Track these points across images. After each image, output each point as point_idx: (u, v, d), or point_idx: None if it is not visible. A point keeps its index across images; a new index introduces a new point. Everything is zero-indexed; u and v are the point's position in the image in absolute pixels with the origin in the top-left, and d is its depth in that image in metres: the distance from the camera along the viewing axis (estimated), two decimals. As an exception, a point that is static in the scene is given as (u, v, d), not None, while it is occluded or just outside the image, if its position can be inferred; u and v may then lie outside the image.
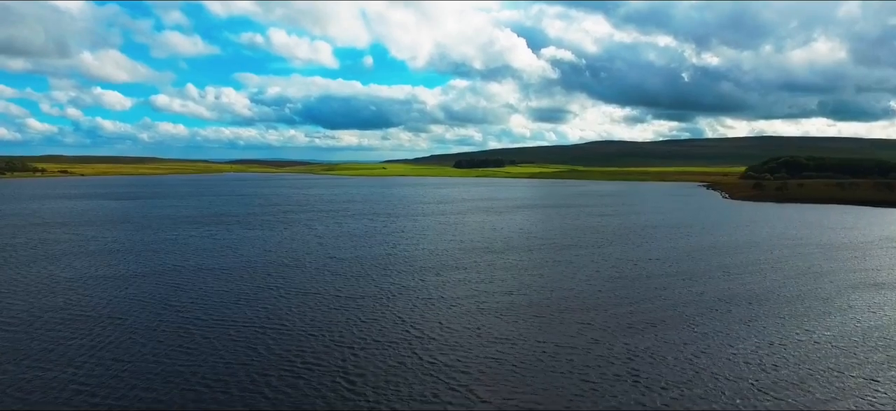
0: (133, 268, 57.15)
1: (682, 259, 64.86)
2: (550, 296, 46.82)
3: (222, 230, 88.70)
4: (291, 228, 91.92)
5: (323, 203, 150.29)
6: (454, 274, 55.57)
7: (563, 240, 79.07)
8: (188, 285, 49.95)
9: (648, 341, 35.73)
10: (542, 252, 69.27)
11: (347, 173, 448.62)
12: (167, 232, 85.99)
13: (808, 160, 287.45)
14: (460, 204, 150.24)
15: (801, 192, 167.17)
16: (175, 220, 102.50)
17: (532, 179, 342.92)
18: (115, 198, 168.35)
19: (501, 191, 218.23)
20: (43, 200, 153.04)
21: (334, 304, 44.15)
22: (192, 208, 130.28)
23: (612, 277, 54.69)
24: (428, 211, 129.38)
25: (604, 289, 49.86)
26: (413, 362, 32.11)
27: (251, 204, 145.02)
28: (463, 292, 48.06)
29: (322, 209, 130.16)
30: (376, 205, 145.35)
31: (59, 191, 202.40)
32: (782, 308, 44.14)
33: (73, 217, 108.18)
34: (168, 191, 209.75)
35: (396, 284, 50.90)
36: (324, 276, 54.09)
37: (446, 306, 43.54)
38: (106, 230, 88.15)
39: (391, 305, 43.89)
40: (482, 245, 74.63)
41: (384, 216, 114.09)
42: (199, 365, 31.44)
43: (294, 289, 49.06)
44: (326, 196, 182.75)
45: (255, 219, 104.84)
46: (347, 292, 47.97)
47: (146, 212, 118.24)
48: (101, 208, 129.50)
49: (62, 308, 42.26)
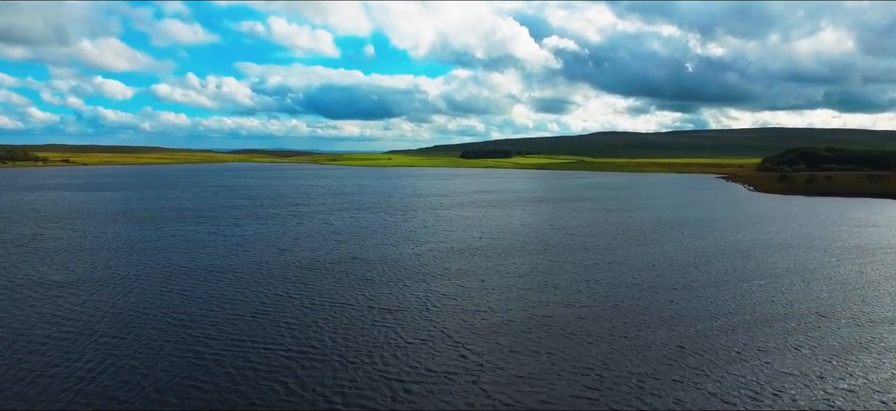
0: (133, 270, 50.69)
1: (733, 258, 58.15)
2: (600, 304, 40.27)
3: (230, 225, 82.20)
4: (305, 223, 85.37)
5: (333, 195, 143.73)
6: (491, 279, 48.99)
7: (595, 240, 72.43)
8: (196, 293, 43.45)
9: (750, 368, 29.13)
10: (580, 252, 62.63)
11: (353, 163, 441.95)
12: (171, 226, 79.51)
13: (828, 151, 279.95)
14: (476, 196, 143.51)
15: (830, 185, 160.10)
16: (180, 214, 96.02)
17: (542, 170, 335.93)
18: (116, 188, 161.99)
19: (514, 183, 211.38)
20: (41, 190, 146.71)
21: (368, 318, 37.59)
22: (198, 200, 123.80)
23: (657, 284, 48.06)
24: (446, 203, 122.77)
25: (655, 300, 43.23)
26: (482, 403, 25.61)
27: (259, 195, 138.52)
28: (507, 301, 41.50)
29: (334, 201, 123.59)
30: (390, 197, 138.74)
31: (58, 181, 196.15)
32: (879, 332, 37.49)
33: (70, 209, 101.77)
34: (172, 181, 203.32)
35: (434, 292, 44.34)
36: (350, 282, 47.55)
37: (494, 316, 37.00)
38: (104, 225, 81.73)
39: (434, 319, 37.31)
40: (516, 244, 67.99)
41: (402, 210, 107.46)
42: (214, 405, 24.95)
43: (318, 297, 42.53)
44: (335, 187, 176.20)
45: (265, 212, 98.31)
46: (381, 302, 41.41)
47: (148, 205, 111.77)
48: (102, 200, 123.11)
49: (49, 321, 35.75)
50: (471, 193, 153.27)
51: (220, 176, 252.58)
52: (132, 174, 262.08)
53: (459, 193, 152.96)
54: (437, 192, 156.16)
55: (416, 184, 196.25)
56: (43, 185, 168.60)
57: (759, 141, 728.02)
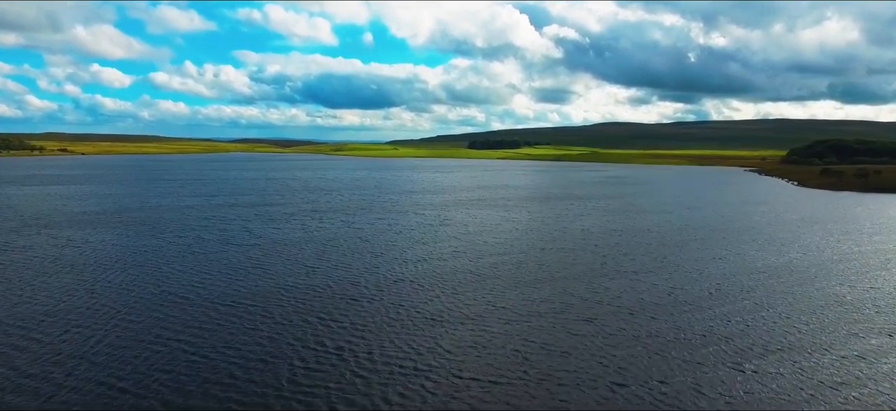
0: (124, 299, 39.05)
1: (865, 277, 46.54)
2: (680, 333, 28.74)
3: (241, 231, 70.51)
4: (326, 225, 73.72)
5: (348, 189, 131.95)
6: (561, 295, 37.45)
7: (646, 252, 60.81)
8: (203, 337, 31.86)
9: None
10: (636, 274, 51.07)
11: (357, 153, 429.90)
12: (170, 234, 67.90)
13: (858, 143, 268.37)
14: (501, 190, 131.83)
15: (883, 180, 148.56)
16: (181, 215, 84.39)
17: (555, 162, 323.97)
18: (114, 182, 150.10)
19: (529, 176, 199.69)
20: (24, 184, 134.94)
21: (435, 385, 26.03)
22: (201, 196, 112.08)
23: (742, 309, 36.51)
24: (474, 197, 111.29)
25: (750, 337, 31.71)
26: None
27: (267, 190, 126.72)
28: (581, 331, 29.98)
29: (350, 198, 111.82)
30: (413, 193, 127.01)
31: (51, 171, 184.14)
32: None
33: (54, 208, 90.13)
34: (172, 172, 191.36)
35: (515, 334, 32.82)
36: (399, 314, 35.95)
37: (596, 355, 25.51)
38: (95, 231, 70.13)
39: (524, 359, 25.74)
40: (546, 262, 56.46)
41: (430, 207, 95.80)
42: None
43: (361, 342, 30.97)
44: (347, 180, 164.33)
45: (278, 212, 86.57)
46: (470, 367, 29.85)
47: (146, 202, 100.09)
48: (95, 196, 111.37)
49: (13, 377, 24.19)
50: (493, 188, 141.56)
51: (221, 167, 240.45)
52: (129, 166, 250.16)
53: (483, 188, 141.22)
54: (458, 187, 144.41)
55: (433, 178, 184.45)
56: (31, 177, 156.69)
57: (766, 132, 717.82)
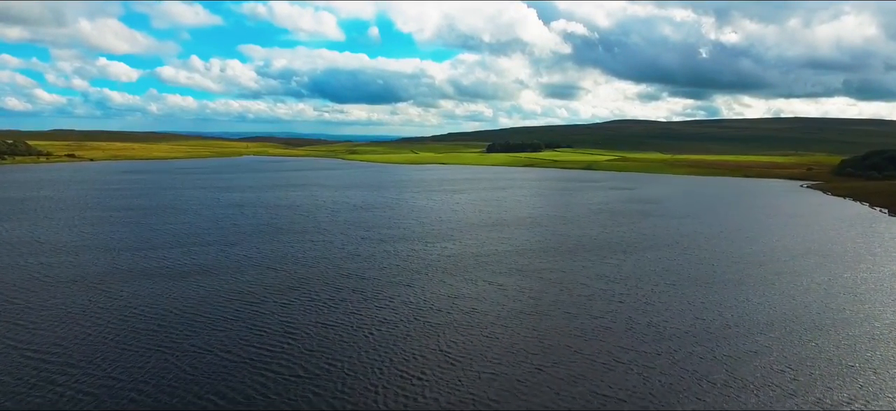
0: None
1: None
2: None
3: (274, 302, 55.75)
4: (372, 290, 59.03)
5: (388, 210, 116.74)
6: None
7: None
8: None
9: None
10: None
11: (375, 158, 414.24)
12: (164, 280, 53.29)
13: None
14: (568, 211, 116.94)
15: None
16: (194, 284, 69.80)
17: (588, 171, 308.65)
18: (115, 209, 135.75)
19: (588, 207, 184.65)
20: (18, 220, 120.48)
21: None
22: (218, 237, 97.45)
23: None
24: (540, 219, 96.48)
25: None
26: None
27: (293, 220, 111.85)
28: None
29: (397, 227, 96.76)
30: (471, 221, 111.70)
31: (48, 192, 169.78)
32: None
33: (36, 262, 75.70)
34: (183, 188, 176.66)
35: None
36: None
37: None
38: (82, 291, 55.69)
39: None
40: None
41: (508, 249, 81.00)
42: None
43: None
44: (380, 202, 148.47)
45: (312, 261, 71.87)
46: None
47: (151, 252, 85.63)
48: (89, 238, 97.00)
49: None
50: (541, 216, 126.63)
51: (234, 178, 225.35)
52: (139, 173, 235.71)
53: (538, 217, 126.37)
54: (529, 206, 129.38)
55: (491, 197, 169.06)
56: (29, 198, 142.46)
57: (781, 131, 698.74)
